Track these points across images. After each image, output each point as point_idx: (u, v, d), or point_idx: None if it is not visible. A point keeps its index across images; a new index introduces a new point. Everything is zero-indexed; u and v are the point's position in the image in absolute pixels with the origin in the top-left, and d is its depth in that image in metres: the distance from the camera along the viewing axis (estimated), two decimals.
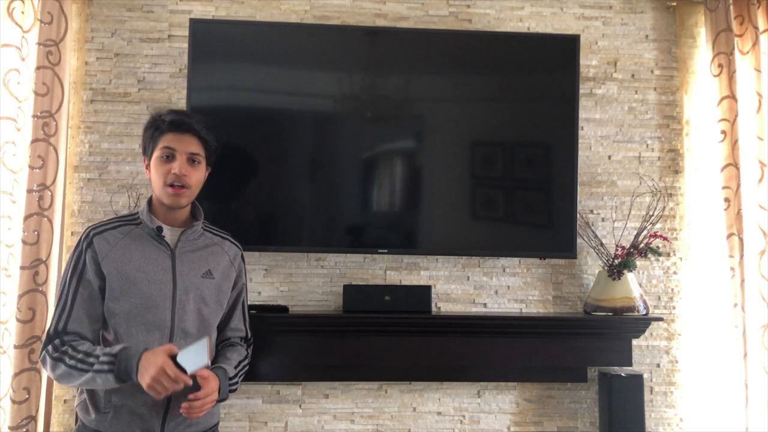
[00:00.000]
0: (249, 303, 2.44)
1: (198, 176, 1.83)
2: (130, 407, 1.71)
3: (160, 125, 1.80)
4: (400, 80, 2.55)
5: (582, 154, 2.66)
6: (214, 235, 1.93)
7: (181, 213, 1.84)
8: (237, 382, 1.87)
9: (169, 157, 1.78)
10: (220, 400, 1.77)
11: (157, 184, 1.79)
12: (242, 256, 1.98)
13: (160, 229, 1.79)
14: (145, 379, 1.60)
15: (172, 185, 1.77)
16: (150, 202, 1.85)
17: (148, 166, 1.84)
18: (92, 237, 1.76)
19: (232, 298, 1.93)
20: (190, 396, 1.66)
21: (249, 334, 2.01)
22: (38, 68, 2.39)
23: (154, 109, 1.89)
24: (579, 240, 2.57)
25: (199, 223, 1.87)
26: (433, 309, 2.61)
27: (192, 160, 1.81)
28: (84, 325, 1.73)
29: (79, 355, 1.66)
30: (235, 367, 1.87)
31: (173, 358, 1.62)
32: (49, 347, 1.71)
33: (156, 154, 1.79)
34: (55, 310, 1.75)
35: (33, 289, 2.31)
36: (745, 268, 2.51)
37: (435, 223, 2.58)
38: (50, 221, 2.36)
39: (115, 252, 1.75)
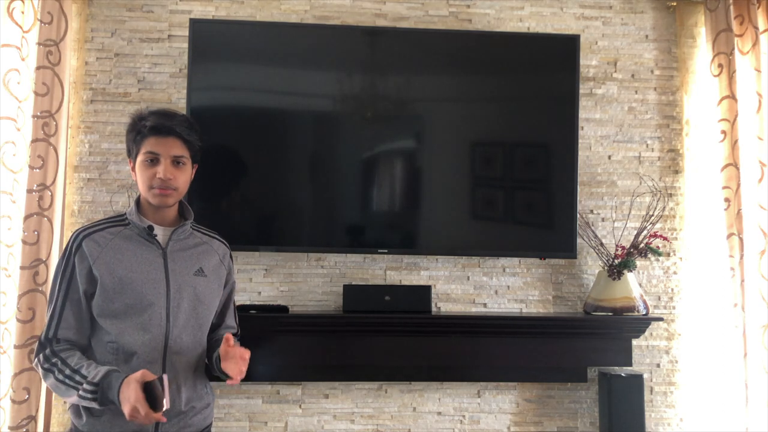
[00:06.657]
0: (249, 303, 2.48)
1: (184, 177, 1.82)
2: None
3: (142, 129, 1.78)
4: (400, 80, 2.55)
5: (582, 154, 2.66)
6: (204, 235, 1.92)
7: (169, 212, 1.83)
8: None
9: (153, 161, 1.77)
10: None
11: (143, 187, 1.78)
12: (230, 255, 1.97)
13: (151, 228, 1.78)
14: (125, 413, 1.60)
15: (157, 187, 1.77)
16: (138, 202, 1.83)
17: (133, 168, 1.82)
18: (81, 240, 1.74)
19: (224, 296, 1.93)
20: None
21: (239, 331, 2.02)
22: (38, 68, 2.39)
23: (136, 110, 1.85)
24: (579, 240, 2.57)
25: (189, 222, 1.86)
26: (433, 309, 2.60)
27: (176, 161, 1.80)
28: (74, 331, 1.73)
29: (67, 371, 1.67)
30: None
31: (150, 384, 1.60)
32: (41, 356, 1.71)
33: (140, 158, 1.78)
34: (47, 315, 1.75)
35: (33, 289, 2.31)
36: (745, 268, 2.51)
37: (435, 223, 2.57)
38: (50, 221, 2.36)
39: (106, 253, 1.73)
